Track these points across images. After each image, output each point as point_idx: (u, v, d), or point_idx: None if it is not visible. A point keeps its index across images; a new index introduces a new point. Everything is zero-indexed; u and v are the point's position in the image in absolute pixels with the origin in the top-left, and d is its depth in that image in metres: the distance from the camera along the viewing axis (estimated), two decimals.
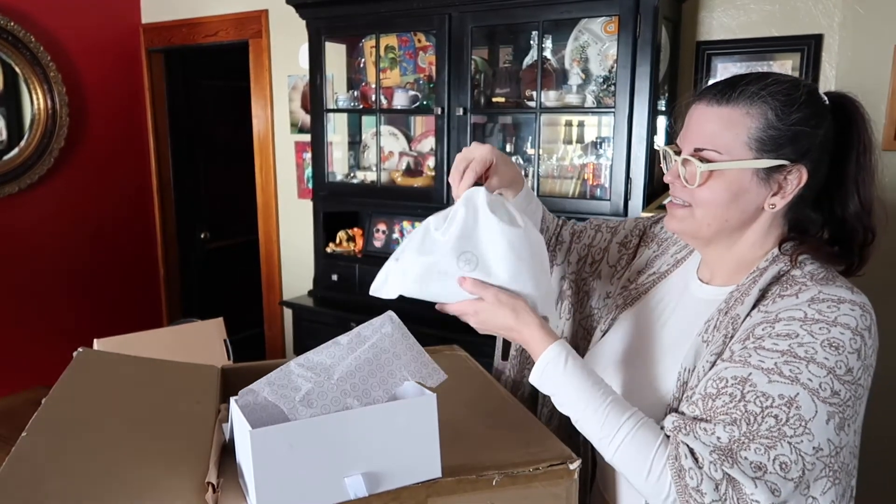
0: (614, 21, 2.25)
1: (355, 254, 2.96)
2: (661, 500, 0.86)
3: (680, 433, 0.86)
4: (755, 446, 0.82)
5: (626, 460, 0.89)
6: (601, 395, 0.92)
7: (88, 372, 1.04)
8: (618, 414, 0.90)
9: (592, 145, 2.52)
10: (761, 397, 0.84)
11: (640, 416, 0.91)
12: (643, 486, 0.88)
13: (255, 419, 0.80)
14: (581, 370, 0.95)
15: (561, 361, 0.95)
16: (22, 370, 3.25)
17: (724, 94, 0.93)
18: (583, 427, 0.93)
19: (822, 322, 0.86)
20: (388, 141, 2.98)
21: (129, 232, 3.79)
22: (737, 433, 0.83)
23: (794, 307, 0.89)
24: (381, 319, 0.92)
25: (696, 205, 0.97)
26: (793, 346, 0.85)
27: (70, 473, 0.79)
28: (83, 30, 3.45)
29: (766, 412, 0.83)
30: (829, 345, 0.85)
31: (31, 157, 3.24)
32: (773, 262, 0.96)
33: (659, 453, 0.87)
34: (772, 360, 0.85)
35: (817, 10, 2.23)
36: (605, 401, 0.91)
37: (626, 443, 0.88)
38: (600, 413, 0.91)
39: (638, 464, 0.87)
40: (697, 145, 0.95)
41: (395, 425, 0.80)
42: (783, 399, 0.83)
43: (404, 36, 2.84)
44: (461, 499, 0.84)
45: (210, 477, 0.80)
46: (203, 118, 4.07)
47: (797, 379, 0.83)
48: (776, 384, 0.84)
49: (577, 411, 0.93)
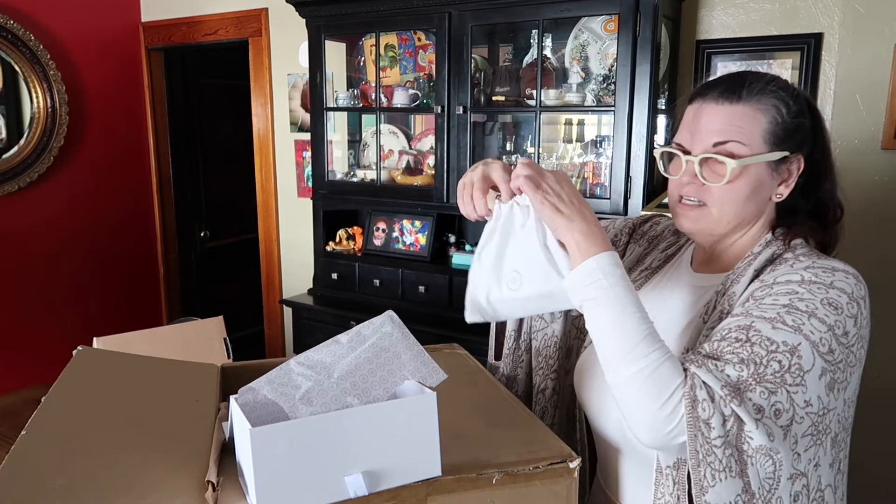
0: (614, 20, 2.25)
1: (355, 252, 2.96)
2: (664, 432, 0.84)
3: (693, 364, 0.85)
4: (760, 389, 0.82)
5: (644, 385, 0.85)
6: (643, 318, 0.88)
7: (88, 370, 1.04)
8: (652, 340, 0.87)
9: (592, 144, 2.52)
10: (766, 341, 0.85)
11: (667, 349, 0.88)
12: (654, 414, 0.84)
13: (255, 417, 0.80)
14: (631, 286, 0.90)
15: (618, 269, 0.90)
16: (21, 368, 3.25)
17: (734, 92, 0.96)
18: (608, 337, 0.88)
19: (820, 283, 0.89)
20: (388, 139, 2.98)
21: (129, 230, 3.79)
22: (745, 373, 0.83)
23: (790, 272, 0.92)
24: (382, 318, 0.92)
25: (714, 203, 0.98)
26: (793, 300, 0.88)
27: (70, 472, 0.79)
28: (83, 28, 3.45)
29: (771, 356, 0.84)
30: (829, 303, 0.87)
31: (30, 156, 3.24)
32: (766, 246, 0.99)
33: (679, 387, 0.84)
34: (774, 310, 0.87)
35: (817, 9, 2.23)
36: (645, 324, 0.88)
37: (651, 367, 0.85)
38: (639, 332, 0.86)
39: (657, 391, 0.84)
40: (717, 139, 0.96)
41: (396, 424, 0.80)
42: (787, 346, 0.84)
43: (404, 34, 2.84)
44: (461, 497, 0.84)
45: (210, 475, 0.80)
46: (203, 117, 4.07)
47: (800, 329, 0.85)
48: (780, 331, 0.85)
49: (611, 320, 0.88)
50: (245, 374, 0.98)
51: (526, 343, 1.25)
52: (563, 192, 0.93)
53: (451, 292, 2.67)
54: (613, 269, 0.89)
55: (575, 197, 0.94)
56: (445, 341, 1.35)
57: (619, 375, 0.87)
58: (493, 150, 2.75)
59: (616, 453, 1.07)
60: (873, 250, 1.93)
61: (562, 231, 0.92)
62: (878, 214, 1.93)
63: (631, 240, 1.25)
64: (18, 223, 3.26)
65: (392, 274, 2.80)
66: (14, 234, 3.25)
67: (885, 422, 1.99)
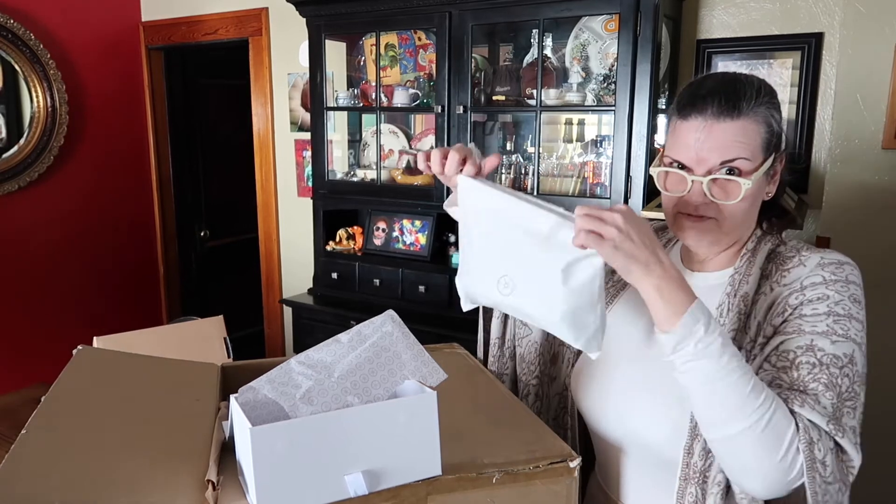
0: (615, 19, 2.25)
1: (355, 252, 2.95)
2: (784, 482, 0.83)
3: (795, 405, 0.84)
4: (847, 410, 0.85)
5: (759, 438, 0.81)
6: (746, 367, 0.83)
7: (88, 370, 1.04)
8: (758, 389, 0.82)
9: (592, 144, 2.52)
10: (834, 359, 0.88)
11: (773, 394, 0.84)
12: (774, 466, 0.82)
13: (256, 417, 0.80)
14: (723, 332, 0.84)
15: (709, 316, 0.83)
16: (21, 368, 3.25)
17: (733, 107, 0.94)
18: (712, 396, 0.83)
19: (840, 281, 0.93)
20: (388, 139, 2.98)
21: (129, 230, 3.79)
22: (834, 399, 0.85)
23: (810, 274, 0.95)
24: (382, 318, 0.92)
25: (724, 217, 0.98)
26: (831, 306, 0.91)
27: (70, 471, 0.79)
28: (83, 28, 3.45)
29: (843, 371, 0.87)
30: (854, 300, 0.92)
31: (30, 155, 3.24)
32: (759, 241, 1.02)
33: (794, 434, 0.82)
34: (822, 322, 0.90)
35: (818, 9, 2.23)
36: (750, 373, 0.83)
37: (763, 421, 0.81)
38: (746, 383, 0.82)
39: (774, 443, 0.81)
40: (724, 158, 0.95)
41: (396, 423, 0.80)
42: (847, 357, 0.88)
43: (404, 34, 2.84)
44: (461, 497, 0.84)
45: (210, 474, 0.80)
46: (203, 116, 4.06)
47: (849, 336, 0.89)
48: (839, 344, 0.89)
49: (720, 378, 0.82)
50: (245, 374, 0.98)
51: (510, 350, 1.25)
52: (633, 234, 0.81)
53: (451, 292, 2.67)
54: (707, 318, 0.82)
55: (647, 237, 0.82)
56: (445, 341, 1.34)
57: (728, 431, 0.82)
58: (494, 149, 2.75)
59: (618, 453, 1.07)
60: (874, 250, 1.93)
61: (638, 279, 0.83)
62: (879, 214, 1.93)
63: None
64: (18, 223, 3.26)
65: (392, 274, 2.80)
66: (14, 234, 3.25)
67: None
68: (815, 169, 2.31)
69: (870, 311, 0.95)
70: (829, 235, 1.98)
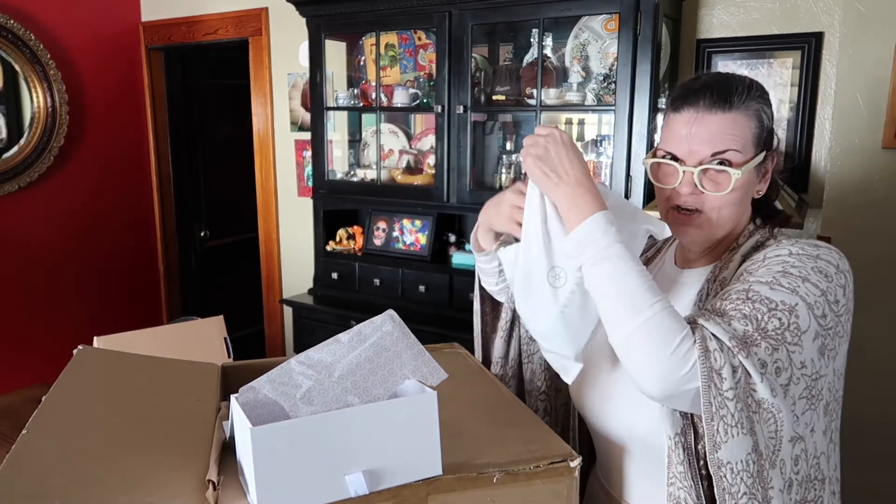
0: (615, 19, 2.25)
1: (355, 252, 2.95)
2: (677, 377, 0.84)
3: (701, 318, 0.87)
4: (764, 345, 0.84)
5: (652, 333, 0.86)
6: (642, 271, 0.90)
7: (88, 370, 1.04)
8: (654, 291, 0.88)
9: (593, 143, 2.52)
10: (766, 300, 0.87)
11: (669, 302, 0.89)
12: (665, 359, 0.85)
13: (256, 416, 0.80)
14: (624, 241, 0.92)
15: (612, 227, 0.91)
16: (22, 368, 3.26)
17: (726, 100, 0.97)
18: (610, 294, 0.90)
19: (808, 255, 0.93)
20: (388, 139, 2.98)
21: (129, 230, 3.79)
22: (750, 328, 0.85)
23: (778, 249, 0.96)
24: (382, 318, 0.92)
25: (713, 209, 1.00)
26: (786, 267, 0.91)
27: (70, 471, 0.79)
28: (83, 28, 3.45)
29: (772, 314, 0.86)
30: (819, 271, 0.91)
31: (30, 156, 3.24)
32: (750, 235, 1.03)
33: (687, 334, 0.85)
34: (770, 275, 0.90)
35: (818, 8, 2.23)
36: (645, 277, 0.89)
37: (657, 316, 0.86)
38: (640, 285, 0.88)
39: (666, 337, 0.85)
40: (715, 149, 0.97)
41: (396, 423, 0.80)
42: (785, 305, 0.87)
43: (404, 34, 2.84)
44: (462, 496, 0.84)
45: (210, 474, 0.80)
46: (203, 116, 4.06)
47: (796, 291, 0.88)
48: (778, 291, 0.88)
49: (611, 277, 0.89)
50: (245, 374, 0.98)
51: (514, 369, 1.26)
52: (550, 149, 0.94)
53: (451, 292, 2.67)
54: (607, 227, 0.91)
55: (565, 153, 0.95)
56: (446, 341, 1.35)
57: (625, 329, 0.87)
58: (494, 149, 2.75)
59: (621, 452, 1.07)
60: (874, 250, 1.93)
61: (553, 194, 0.94)
62: (879, 214, 1.93)
63: None
64: (19, 223, 3.26)
65: (392, 273, 2.80)
66: (14, 234, 3.25)
67: None
68: (815, 169, 2.31)
69: (870, 310, 0.94)
70: (829, 235, 1.98)
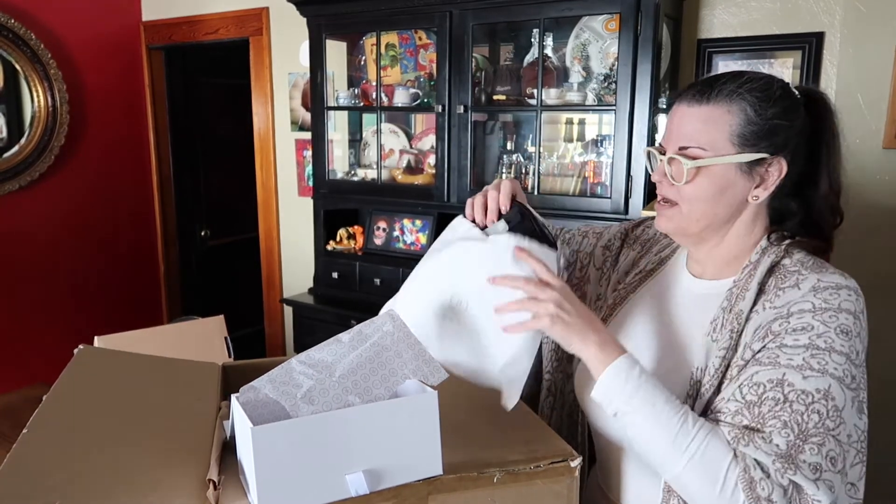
0: (615, 19, 2.25)
1: (356, 252, 2.95)
2: None
3: (740, 444, 0.86)
4: (809, 447, 0.83)
5: (697, 474, 0.86)
6: (675, 404, 0.89)
7: (89, 369, 1.04)
8: (691, 423, 0.88)
9: (593, 143, 2.52)
10: (802, 395, 0.85)
11: (709, 427, 0.88)
12: (714, 499, 0.86)
13: (257, 416, 0.80)
14: (652, 379, 0.92)
15: (635, 368, 0.92)
16: (22, 367, 3.26)
17: (704, 94, 0.97)
18: (650, 437, 0.90)
19: (830, 310, 0.89)
20: (389, 139, 2.98)
21: (130, 229, 3.79)
22: (791, 436, 0.83)
23: (801, 299, 0.91)
24: (383, 318, 0.92)
25: (683, 202, 0.99)
26: (812, 338, 0.88)
27: (71, 471, 0.79)
28: (83, 27, 3.45)
29: (810, 409, 0.84)
30: (842, 331, 0.88)
31: (31, 155, 3.24)
32: (763, 253, 0.98)
33: (732, 466, 0.85)
34: (799, 356, 0.87)
35: (818, 8, 2.23)
36: (678, 409, 0.89)
37: (697, 456, 0.86)
38: (676, 420, 0.88)
39: (710, 477, 0.85)
40: (682, 144, 0.98)
41: (397, 422, 0.80)
42: (820, 393, 0.85)
43: (405, 33, 2.84)
44: (462, 496, 0.84)
45: (211, 474, 0.80)
46: (203, 116, 4.06)
47: (826, 370, 0.86)
48: (811, 379, 0.86)
49: (647, 425, 0.90)
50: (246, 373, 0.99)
51: None
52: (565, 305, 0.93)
53: None
54: (629, 371, 0.91)
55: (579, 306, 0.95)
56: None
57: (674, 471, 0.88)
58: (494, 149, 2.75)
59: (619, 452, 1.07)
60: (875, 250, 1.93)
61: (578, 350, 0.94)
62: (880, 214, 1.93)
63: (624, 245, 1.26)
64: (19, 222, 3.26)
65: (392, 273, 2.80)
66: (15, 234, 3.25)
67: None
68: None
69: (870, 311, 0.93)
70: None
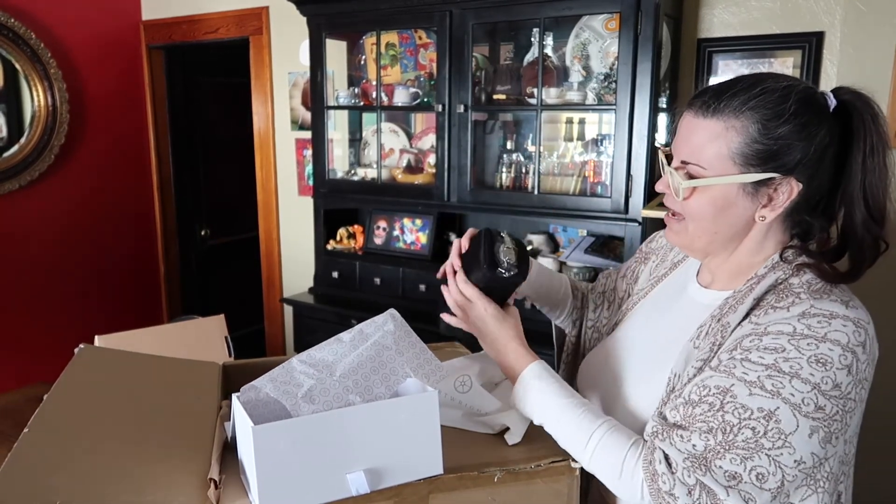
0: (615, 18, 2.25)
1: (356, 251, 2.95)
2: (639, 498, 0.87)
3: (657, 438, 0.88)
4: (731, 456, 0.82)
5: (600, 463, 0.90)
6: (575, 404, 0.95)
7: (90, 368, 1.04)
8: (591, 420, 0.92)
9: (593, 142, 2.52)
10: (740, 409, 0.83)
11: (613, 422, 0.93)
12: (617, 486, 0.90)
13: (258, 415, 0.80)
14: (557, 383, 0.98)
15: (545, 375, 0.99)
16: (23, 367, 3.26)
17: (710, 106, 0.91)
18: (561, 435, 0.95)
19: (811, 338, 0.84)
20: (389, 138, 2.98)
21: (130, 229, 3.79)
22: (712, 442, 0.83)
23: (783, 321, 0.87)
24: (384, 317, 0.92)
25: (687, 217, 0.96)
26: (778, 360, 0.84)
27: (71, 470, 0.79)
28: (83, 27, 3.44)
29: (744, 423, 0.83)
30: (816, 361, 0.83)
31: (31, 154, 3.24)
32: (771, 269, 0.94)
33: (630, 453, 0.89)
34: (755, 373, 0.84)
35: (819, 8, 2.23)
36: (579, 410, 0.94)
37: (599, 446, 0.90)
38: (575, 420, 0.93)
39: (611, 465, 0.89)
40: (684, 158, 0.94)
41: (397, 422, 0.80)
42: (762, 412, 0.82)
43: (405, 33, 2.83)
44: (463, 495, 0.84)
45: (212, 473, 0.80)
46: (203, 115, 4.06)
47: (779, 393, 0.82)
48: (756, 397, 0.83)
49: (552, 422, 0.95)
50: (246, 373, 0.99)
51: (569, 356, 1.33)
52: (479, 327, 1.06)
53: None
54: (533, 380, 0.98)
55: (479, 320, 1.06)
56: (446, 340, 1.35)
57: (584, 462, 0.92)
58: (494, 148, 2.75)
59: None
60: None
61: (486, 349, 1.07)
62: None
63: (641, 263, 1.24)
64: (19, 222, 3.26)
65: (393, 272, 2.80)
66: (15, 233, 3.25)
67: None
68: None
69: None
70: None
